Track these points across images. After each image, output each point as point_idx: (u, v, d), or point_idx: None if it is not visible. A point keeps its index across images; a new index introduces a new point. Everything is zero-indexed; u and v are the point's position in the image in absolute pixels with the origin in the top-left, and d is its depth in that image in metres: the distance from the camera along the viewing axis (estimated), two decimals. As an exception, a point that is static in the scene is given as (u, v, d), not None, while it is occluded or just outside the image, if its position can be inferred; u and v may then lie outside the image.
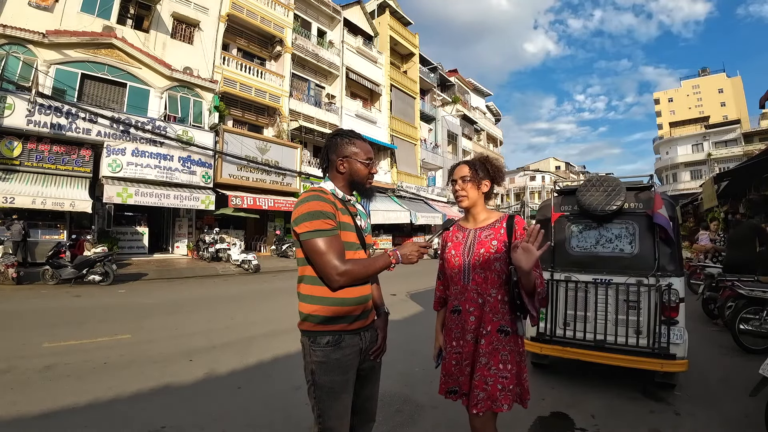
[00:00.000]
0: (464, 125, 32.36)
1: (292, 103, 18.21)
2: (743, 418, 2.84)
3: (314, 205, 1.42)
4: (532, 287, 1.56)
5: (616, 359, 3.20)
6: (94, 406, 2.98)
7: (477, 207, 1.81)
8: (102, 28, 12.83)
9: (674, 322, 3.11)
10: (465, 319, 1.72)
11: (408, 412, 2.94)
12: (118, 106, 13.13)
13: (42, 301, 7.23)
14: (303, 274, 1.49)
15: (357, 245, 1.53)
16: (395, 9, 25.49)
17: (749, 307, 4.50)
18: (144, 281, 10.42)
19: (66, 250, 9.63)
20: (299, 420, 2.72)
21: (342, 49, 21.14)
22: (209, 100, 15.08)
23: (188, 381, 3.54)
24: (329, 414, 1.43)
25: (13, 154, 11.15)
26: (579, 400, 3.17)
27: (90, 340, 4.67)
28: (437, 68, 30.13)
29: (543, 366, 3.84)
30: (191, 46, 15.21)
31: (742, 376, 3.49)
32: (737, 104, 43.20)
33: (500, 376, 1.61)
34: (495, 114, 41.49)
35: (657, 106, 50.19)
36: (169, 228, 15.44)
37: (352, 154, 1.55)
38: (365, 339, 1.53)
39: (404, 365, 3.89)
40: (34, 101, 11.07)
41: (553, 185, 4.44)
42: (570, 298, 3.44)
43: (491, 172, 1.80)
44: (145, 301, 7.51)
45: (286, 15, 18.19)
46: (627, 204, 3.37)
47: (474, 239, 1.75)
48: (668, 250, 3.26)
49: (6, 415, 2.77)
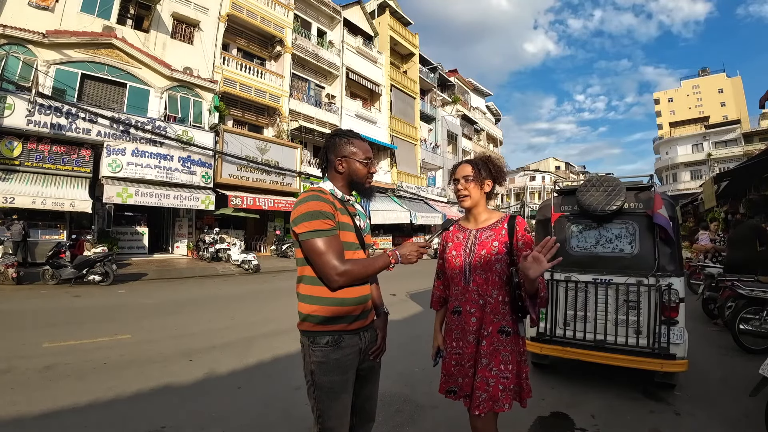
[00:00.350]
0: (464, 125, 32.36)
1: (292, 103, 18.21)
2: (743, 418, 2.84)
3: (313, 205, 1.41)
4: (535, 291, 1.56)
5: (616, 359, 3.20)
6: (94, 406, 2.98)
7: (478, 207, 1.80)
8: (102, 28, 12.84)
9: (674, 322, 3.11)
10: (466, 320, 1.72)
11: (408, 412, 2.94)
12: (118, 106, 13.13)
13: (42, 301, 7.22)
14: (302, 274, 1.49)
15: (356, 245, 1.52)
16: (395, 9, 25.49)
17: (749, 307, 4.50)
18: (144, 281, 10.42)
19: (66, 250, 9.63)
20: (299, 420, 2.72)
21: (342, 49, 21.14)
22: (209, 100, 15.08)
23: (188, 381, 3.54)
24: (329, 414, 1.43)
25: (13, 154, 11.15)
26: (579, 400, 3.17)
27: (90, 340, 4.67)
28: (437, 68, 30.13)
29: (543, 366, 3.84)
30: (191, 46, 15.21)
31: (742, 376, 3.49)
32: (737, 104, 43.20)
33: (501, 376, 1.62)
34: (495, 114, 41.49)
35: (657, 106, 50.20)
36: (169, 228, 15.44)
37: (350, 153, 1.55)
38: (365, 339, 1.53)
39: (404, 365, 3.89)
40: (34, 101, 11.07)
41: (553, 185, 4.44)
42: (570, 298, 3.44)
43: (493, 172, 1.80)
44: (145, 301, 7.51)
45: (286, 15, 18.20)
46: (627, 204, 3.37)
47: (475, 240, 1.75)
48: (668, 250, 3.26)
49: (6, 415, 2.77)
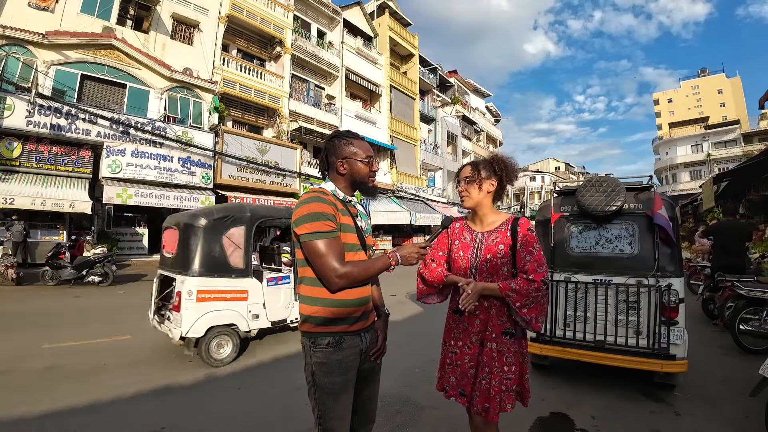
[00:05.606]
0: (464, 126, 32.37)
1: (292, 104, 18.21)
2: (743, 418, 2.84)
3: (315, 207, 1.42)
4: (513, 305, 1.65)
5: (616, 360, 3.20)
6: (94, 407, 2.98)
7: (483, 208, 1.80)
8: (102, 29, 12.83)
9: (674, 323, 3.11)
10: (469, 321, 1.73)
11: (408, 412, 2.94)
12: (118, 106, 13.12)
13: (42, 302, 7.22)
14: (303, 276, 1.49)
15: (358, 246, 1.53)
16: (395, 10, 25.50)
17: (749, 308, 4.51)
18: (144, 282, 10.39)
19: (66, 250, 9.62)
20: (300, 421, 2.72)
21: (342, 50, 21.15)
22: (209, 101, 15.08)
23: (188, 381, 3.54)
24: (330, 415, 1.43)
25: (12, 155, 11.14)
26: (579, 401, 3.18)
27: (90, 341, 4.67)
28: (437, 69, 30.13)
29: (543, 366, 3.84)
30: (191, 47, 15.21)
31: (742, 377, 3.49)
32: (737, 105, 43.22)
33: (504, 377, 1.64)
34: (495, 115, 41.51)
35: (657, 106, 50.21)
36: (169, 229, 15.41)
37: (351, 154, 1.55)
38: (365, 340, 1.54)
39: (404, 366, 3.89)
40: (33, 102, 11.06)
41: (552, 186, 4.45)
42: (570, 298, 3.44)
43: (498, 170, 1.78)
44: (145, 302, 7.48)
45: (286, 16, 18.20)
46: (627, 204, 3.37)
47: (481, 243, 1.76)
48: (668, 251, 3.26)
49: (6, 415, 2.77)
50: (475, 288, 1.62)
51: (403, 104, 25.16)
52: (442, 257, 1.87)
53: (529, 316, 1.63)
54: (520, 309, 1.62)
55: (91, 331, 5.14)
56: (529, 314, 1.63)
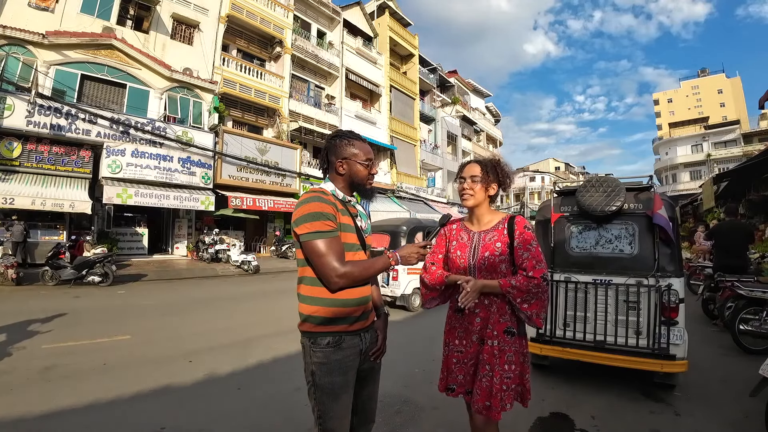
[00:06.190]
0: (464, 126, 32.37)
1: (292, 104, 18.21)
2: (743, 419, 2.84)
3: (315, 207, 1.42)
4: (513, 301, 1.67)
5: (616, 360, 3.20)
6: (94, 407, 2.98)
7: (481, 208, 1.81)
8: (102, 29, 12.83)
9: (674, 323, 3.11)
10: (470, 320, 1.73)
11: (408, 413, 2.94)
12: (118, 106, 13.12)
13: (41, 302, 7.21)
14: (303, 275, 1.49)
15: (357, 246, 1.53)
16: (395, 10, 25.50)
17: (749, 308, 4.51)
18: (143, 282, 10.41)
19: (65, 250, 9.63)
20: (300, 421, 2.72)
21: (342, 50, 21.15)
22: (209, 101, 15.08)
23: (188, 382, 3.54)
24: (329, 415, 1.43)
25: (12, 155, 11.14)
26: (579, 401, 3.18)
27: (89, 341, 4.67)
28: (437, 69, 30.13)
29: (543, 366, 3.84)
30: (191, 47, 15.21)
31: (742, 377, 3.50)
32: (737, 105, 43.22)
33: (505, 376, 1.64)
34: (495, 115, 41.50)
35: (656, 106, 50.22)
36: (169, 229, 15.43)
37: (351, 155, 1.54)
38: (365, 340, 1.54)
39: (404, 366, 3.89)
40: (33, 102, 11.06)
41: (552, 186, 4.45)
42: (570, 298, 3.44)
43: (500, 177, 1.81)
44: (145, 302, 7.51)
45: (286, 16, 18.20)
46: (627, 205, 3.38)
47: (479, 242, 1.77)
48: (668, 251, 3.26)
49: (6, 416, 2.77)
50: (474, 285, 1.64)
51: (403, 104, 25.15)
52: (441, 260, 1.89)
53: (529, 312, 1.65)
54: (520, 305, 1.65)
55: (91, 331, 5.14)
56: (530, 310, 1.65)
